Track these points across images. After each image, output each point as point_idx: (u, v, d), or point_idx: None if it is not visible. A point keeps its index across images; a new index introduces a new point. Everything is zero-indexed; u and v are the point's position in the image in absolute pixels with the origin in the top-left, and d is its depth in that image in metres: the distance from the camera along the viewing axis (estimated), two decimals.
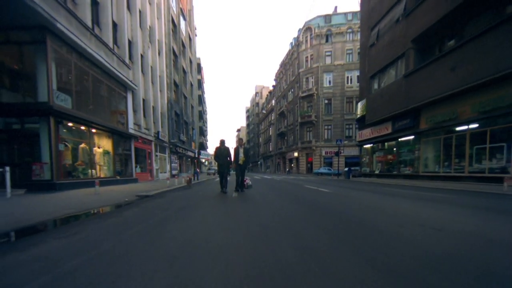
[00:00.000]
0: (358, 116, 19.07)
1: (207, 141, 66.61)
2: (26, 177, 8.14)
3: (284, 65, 45.88)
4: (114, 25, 13.14)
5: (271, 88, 57.98)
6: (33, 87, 8.27)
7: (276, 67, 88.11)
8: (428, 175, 12.66)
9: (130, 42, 14.76)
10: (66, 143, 9.17)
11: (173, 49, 23.02)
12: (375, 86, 16.62)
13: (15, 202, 5.50)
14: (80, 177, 9.86)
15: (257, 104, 72.06)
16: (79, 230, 2.91)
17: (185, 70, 28.18)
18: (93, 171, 10.78)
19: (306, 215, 3.66)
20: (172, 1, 23.03)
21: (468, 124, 10.49)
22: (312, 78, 35.56)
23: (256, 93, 73.02)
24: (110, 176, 11.86)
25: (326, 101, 34.82)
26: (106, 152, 11.74)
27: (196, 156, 37.09)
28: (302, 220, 3.26)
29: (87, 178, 10.16)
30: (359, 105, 18.83)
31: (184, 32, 27.72)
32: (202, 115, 48.08)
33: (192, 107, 34.16)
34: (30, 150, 8.68)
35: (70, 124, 9.45)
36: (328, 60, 34.74)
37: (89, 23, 10.52)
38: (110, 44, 12.10)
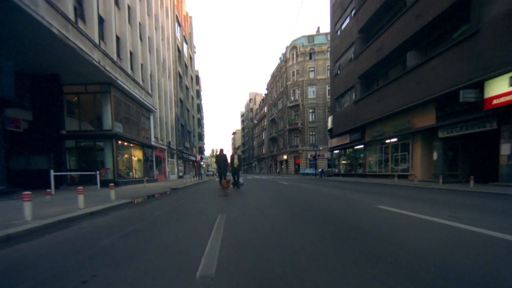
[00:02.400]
0: (329, 127, 24.00)
1: (204, 144, 71.09)
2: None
3: (274, 77, 50.82)
4: (142, 66, 17.80)
5: (264, 95, 62.86)
6: (101, 120, 12.90)
7: (268, 76, 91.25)
8: (371, 174, 17.60)
9: (151, 76, 19.43)
10: (119, 155, 13.79)
11: (178, 72, 27.70)
12: (338, 106, 21.58)
13: (107, 191, 10.10)
14: (126, 178, 14.48)
15: (251, 109, 76.88)
16: (160, 200, 7.60)
17: (188, 87, 32.86)
18: (132, 173, 15.41)
19: (269, 195, 8.40)
20: (177, 32, 27.73)
21: (390, 139, 15.44)
22: (298, 90, 40.54)
23: (250, 99, 77.89)
24: (142, 177, 16.46)
25: (311, 111, 39.82)
26: (139, 160, 16.39)
27: (197, 160, 41.66)
28: (266, 197, 8.00)
29: (130, 178, 14.78)
30: (329, 119, 23.78)
31: (186, 54, 32.41)
32: (200, 122, 52.69)
33: (193, 116, 38.78)
34: (99, 160, 13.28)
35: (120, 142, 14.08)
36: (311, 75, 39.78)
37: (129, 70, 15.16)
38: (140, 81, 16.75)
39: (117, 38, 14.64)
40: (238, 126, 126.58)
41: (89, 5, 11.87)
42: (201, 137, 56.95)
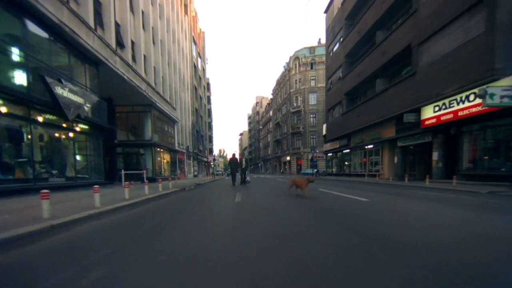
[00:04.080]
0: (324, 134, 27.79)
1: (212, 145, 75.57)
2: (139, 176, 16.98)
3: (279, 83, 54.71)
4: (171, 86, 22.10)
5: (269, 99, 66.82)
6: (143, 132, 17.18)
7: (273, 80, 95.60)
8: (355, 174, 21.36)
9: (175, 93, 23.73)
10: (155, 159, 18.06)
11: (194, 85, 32.00)
12: (330, 116, 25.37)
13: (153, 185, 14.29)
14: (159, 176, 18.73)
15: (258, 112, 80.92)
16: (196, 189, 11.72)
17: (201, 96, 37.17)
18: (163, 172, 19.68)
19: (266, 187, 12.42)
20: (193, 50, 32.03)
21: (367, 145, 19.19)
22: (301, 97, 44.34)
23: (257, 102, 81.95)
24: (169, 175, 20.73)
25: (312, 116, 43.55)
26: (167, 162, 20.67)
27: (209, 161, 46.01)
28: (264, 188, 12.02)
29: (162, 176, 19.02)
30: (324, 126, 27.60)
31: (200, 67, 36.72)
32: (210, 125, 57.10)
33: (205, 122, 43.13)
34: (142, 162, 17.57)
35: (157, 148, 18.34)
36: (313, 83, 43.50)
37: (161, 92, 19.41)
38: (168, 98, 21.01)
39: (154, 69, 18.91)
40: (245, 127, 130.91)
41: (138, 49, 16.14)
42: (210, 139, 61.41)
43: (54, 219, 3.45)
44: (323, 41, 55.58)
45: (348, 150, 22.55)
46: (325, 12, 27.48)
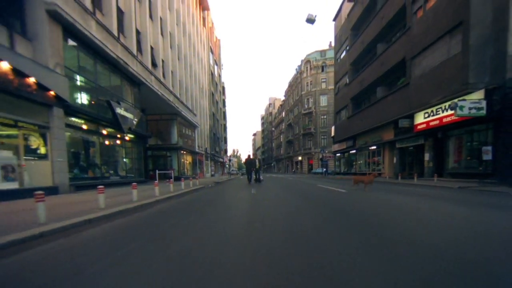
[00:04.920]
0: (332, 135, 29.46)
1: (227, 146, 78.56)
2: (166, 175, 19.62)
3: (291, 86, 56.47)
4: (192, 94, 24.74)
5: (282, 100, 68.66)
6: (170, 137, 19.82)
7: (286, 82, 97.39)
8: (360, 172, 22.98)
9: (196, 100, 26.36)
10: (180, 160, 20.69)
11: (211, 91, 34.61)
12: (338, 119, 27.04)
13: (183, 183, 16.80)
14: (183, 175, 21.35)
15: (271, 113, 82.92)
16: (214, 189, 14.05)
17: (217, 101, 39.79)
18: (185, 172, 22.29)
19: (277, 185, 14.57)
20: (210, 59, 34.63)
21: (371, 147, 20.82)
22: (312, 99, 45.96)
23: (270, 104, 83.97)
24: (191, 175, 23.32)
25: (323, 117, 45.06)
26: (189, 163, 23.29)
27: (224, 161, 48.69)
28: (275, 185, 14.19)
29: (185, 176, 21.64)
30: (332, 128, 29.28)
31: (216, 74, 39.32)
32: (225, 127, 59.82)
33: (220, 124, 45.78)
34: (168, 163, 20.25)
35: (182, 151, 20.96)
36: (323, 85, 44.99)
37: (185, 101, 22.02)
38: (189, 106, 23.62)
39: (179, 82, 21.55)
40: (258, 127, 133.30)
41: (167, 67, 18.75)
42: (225, 140, 64.19)
43: (138, 201, 5.81)
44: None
45: (354, 151, 24.19)
46: (334, 20, 29.11)
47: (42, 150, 7.54)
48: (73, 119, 8.74)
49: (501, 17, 10.12)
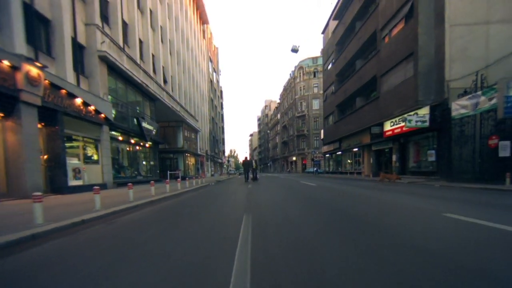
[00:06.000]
0: (322, 137, 32.44)
1: (224, 147, 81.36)
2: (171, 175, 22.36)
3: (286, 89, 59.41)
4: (194, 102, 27.48)
5: (277, 103, 71.58)
6: (176, 141, 22.56)
7: (281, 84, 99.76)
8: (345, 172, 25.97)
9: (198, 107, 29.10)
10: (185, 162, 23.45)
11: (211, 97, 37.35)
12: (326, 123, 30.02)
13: (190, 182, 19.56)
14: (187, 175, 24.10)
15: (267, 115, 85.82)
16: (218, 185, 16.87)
17: (216, 105, 42.53)
18: (189, 172, 25.05)
19: (271, 182, 17.42)
20: (210, 67, 37.36)
21: (353, 149, 23.78)
22: (305, 102, 48.93)
23: (266, 106, 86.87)
24: (194, 175, 26.08)
25: (315, 120, 48.06)
26: (193, 164, 26.04)
27: (223, 162, 51.46)
28: (269, 182, 17.04)
29: (190, 176, 24.40)
30: (321, 131, 32.25)
31: (215, 80, 42.05)
32: (223, 129, 62.55)
33: (219, 127, 48.54)
34: (174, 165, 22.98)
35: (186, 154, 23.69)
36: (315, 90, 47.97)
37: (188, 108, 24.76)
38: (193, 113, 26.36)
39: (184, 93, 24.28)
40: (254, 128, 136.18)
41: (174, 81, 21.47)
42: (223, 142, 66.96)
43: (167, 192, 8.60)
44: None
45: (340, 152, 27.17)
46: (322, 33, 32.06)
47: (95, 157, 10.30)
48: (113, 132, 11.49)
49: (441, 51, 13.09)
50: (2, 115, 6.73)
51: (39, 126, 7.52)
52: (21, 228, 3.22)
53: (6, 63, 6.26)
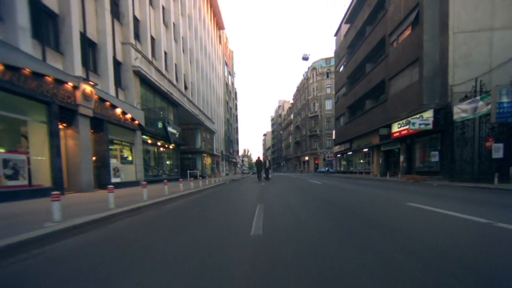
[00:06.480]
0: (333, 138, 33.14)
1: (238, 147, 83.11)
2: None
3: (299, 90, 60.12)
4: (211, 105, 29.15)
5: (290, 103, 72.34)
6: (195, 142, 24.26)
7: (294, 85, 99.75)
8: (356, 171, 26.65)
9: (214, 110, 30.77)
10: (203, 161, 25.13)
11: (226, 100, 38.97)
12: (338, 124, 30.72)
13: (206, 180, 21.13)
14: (204, 174, 25.77)
15: (280, 115, 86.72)
16: (233, 183, 18.28)
17: (231, 107, 44.14)
18: (207, 172, 26.71)
19: (282, 181, 18.65)
20: (225, 71, 38.97)
21: (363, 149, 24.45)
22: (318, 103, 49.52)
23: (279, 106, 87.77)
24: (211, 174, 27.73)
25: (328, 120, 48.54)
26: (209, 164, 27.71)
27: (237, 161, 53.12)
28: (281, 182, 18.27)
29: (207, 174, 26.06)
30: (333, 132, 32.96)
31: (230, 83, 43.65)
32: (237, 129, 64.26)
33: (233, 128, 50.17)
34: (193, 164, 24.70)
35: (204, 154, 25.36)
36: (328, 90, 48.42)
37: (206, 112, 26.41)
38: (210, 115, 28.01)
39: (202, 97, 25.97)
40: (268, 128, 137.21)
41: (193, 87, 23.15)
42: (237, 142, 68.69)
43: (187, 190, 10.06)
44: None
45: (351, 152, 27.85)
46: (335, 35, 32.76)
47: (130, 158, 12.00)
48: (144, 136, 13.19)
49: (445, 57, 13.74)
50: (65, 124, 8.43)
51: (90, 132, 9.22)
52: (102, 210, 4.69)
53: (70, 84, 7.93)
